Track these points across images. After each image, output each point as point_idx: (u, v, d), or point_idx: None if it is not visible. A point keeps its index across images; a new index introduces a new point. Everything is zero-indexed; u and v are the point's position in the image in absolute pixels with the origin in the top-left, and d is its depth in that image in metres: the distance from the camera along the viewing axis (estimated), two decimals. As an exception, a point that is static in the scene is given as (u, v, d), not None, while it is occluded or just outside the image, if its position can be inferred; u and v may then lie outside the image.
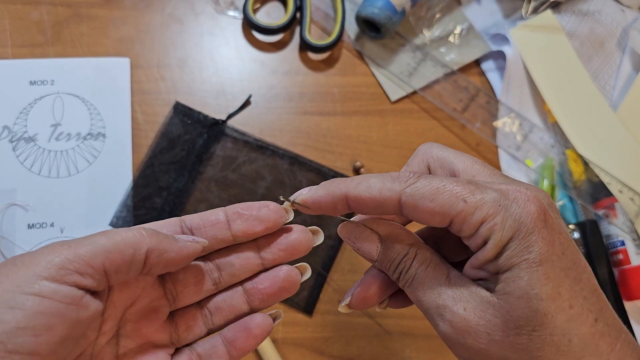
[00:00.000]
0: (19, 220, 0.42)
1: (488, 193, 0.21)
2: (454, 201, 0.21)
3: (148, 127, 0.46)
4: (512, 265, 0.20)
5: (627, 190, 0.47)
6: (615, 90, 0.52)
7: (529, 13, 0.53)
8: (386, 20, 0.46)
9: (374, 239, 0.24)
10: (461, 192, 0.21)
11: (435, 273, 0.23)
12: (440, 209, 0.21)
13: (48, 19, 0.47)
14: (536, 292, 0.20)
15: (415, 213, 0.21)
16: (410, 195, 0.21)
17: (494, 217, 0.20)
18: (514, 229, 0.20)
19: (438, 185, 0.21)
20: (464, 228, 0.21)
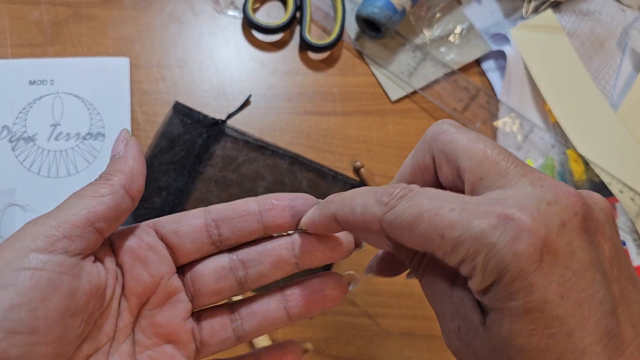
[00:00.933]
0: (18, 220, 0.42)
1: (474, 224, 0.17)
2: (432, 235, 0.18)
3: (148, 127, 0.46)
4: (495, 309, 0.18)
5: (628, 191, 0.47)
6: (616, 90, 0.52)
7: (530, 13, 0.53)
8: (386, 19, 0.46)
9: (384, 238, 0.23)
10: (440, 223, 0.18)
11: (438, 282, 0.21)
12: (417, 242, 0.19)
13: (48, 19, 0.47)
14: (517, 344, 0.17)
15: (395, 240, 0.20)
16: (389, 224, 0.19)
17: (474, 257, 0.17)
18: (497, 271, 0.17)
19: (417, 212, 0.18)
20: (447, 261, 0.18)
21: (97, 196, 0.22)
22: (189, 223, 0.24)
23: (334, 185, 0.46)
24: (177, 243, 0.24)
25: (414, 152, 0.24)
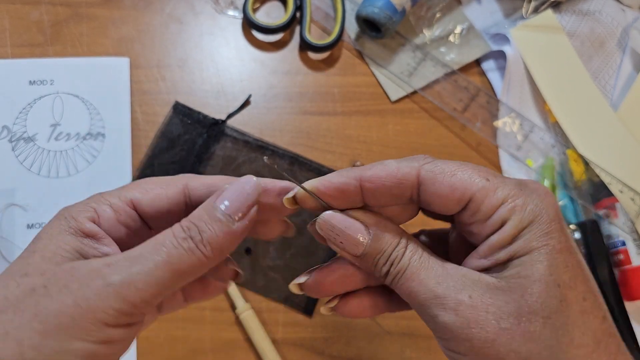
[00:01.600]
0: (18, 221, 0.42)
1: (509, 179, 0.21)
2: (475, 178, 0.20)
3: (148, 127, 0.46)
4: (532, 249, 0.19)
5: (628, 190, 0.47)
6: (616, 90, 0.52)
7: (530, 13, 0.53)
8: (386, 19, 0.46)
9: (361, 229, 0.22)
10: (482, 172, 0.20)
11: (430, 262, 0.21)
12: (461, 184, 0.20)
13: (48, 19, 0.47)
14: (554, 278, 0.19)
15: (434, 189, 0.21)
16: (430, 170, 0.21)
17: (516, 198, 0.20)
18: (535, 213, 0.20)
19: (457, 164, 0.21)
20: (483, 207, 0.20)
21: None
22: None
23: (334, 185, 0.46)
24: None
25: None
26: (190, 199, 0.23)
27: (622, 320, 0.44)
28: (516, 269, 0.20)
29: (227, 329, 0.43)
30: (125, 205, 0.22)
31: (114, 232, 0.22)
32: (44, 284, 0.19)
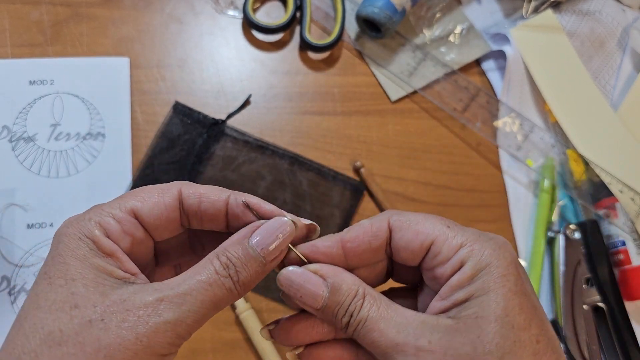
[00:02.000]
0: (18, 220, 0.42)
1: (469, 228, 0.23)
2: (437, 225, 0.22)
3: (148, 127, 0.46)
4: (489, 290, 0.21)
5: (628, 190, 0.47)
6: (616, 90, 0.52)
7: (530, 13, 0.53)
8: (386, 19, 0.46)
9: (319, 283, 0.23)
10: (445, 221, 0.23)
11: (389, 311, 0.22)
12: (424, 230, 0.22)
13: (48, 19, 0.47)
14: (509, 319, 0.20)
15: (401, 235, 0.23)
16: (398, 220, 0.23)
17: (474, 243, 0.22)
18: (492, 256, 0.21)
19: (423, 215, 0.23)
20: (444, 250, 0.22)
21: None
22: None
23: (334, 185, 0.46)
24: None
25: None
26: (183, 206, 0.24)
27: (622, 320, 0.44)
28: (473, 309, 0.21)
29: (227, 328, 0.43)
30: (127, 215, 0.23)
31: (122, 243, 0.23)
32: (101, 318, 0.20)
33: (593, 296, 0.45)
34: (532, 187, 0.50)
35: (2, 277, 0.41)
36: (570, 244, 0.46)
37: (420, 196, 0.48)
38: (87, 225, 0.22)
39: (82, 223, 0.22)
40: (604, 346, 0.45)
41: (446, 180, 0.49)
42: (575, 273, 0.46)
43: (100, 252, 0.22)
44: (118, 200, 0.23)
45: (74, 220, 0.22)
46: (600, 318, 0.45)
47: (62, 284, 0.21)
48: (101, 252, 0.22)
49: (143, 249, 0.24)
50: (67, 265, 0.21)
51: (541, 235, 0.47)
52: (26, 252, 0.42)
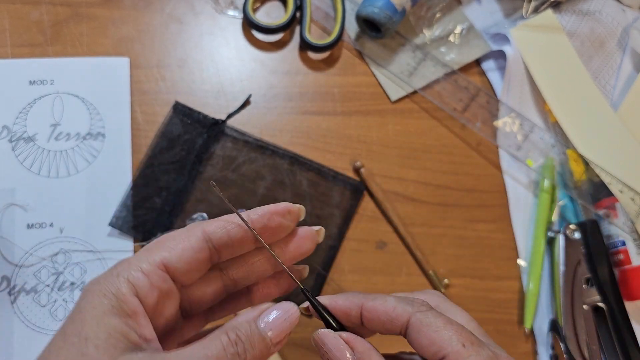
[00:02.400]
0: (18, 220, 0.42)
1: (484, 350, 0.23)
2: (454, 340, 0.22)
3: (148, 127, 0.46)
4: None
5: (628, 190, 0.47)
6: (616, 90, 0.52)
7: (530, 13, 0.53)
8: (386, 19, 0.46)
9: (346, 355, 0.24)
10: (462, 337, 0.22)
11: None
12: (440, 342, 0.22)
13: (48, 19, 0.47)
14: None
15: (417, 336, 0.23)
16: (419, 320, 0.23)
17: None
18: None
19: (445, 321, 0.23)
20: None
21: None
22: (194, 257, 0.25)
23: (334, 185, 0.46)
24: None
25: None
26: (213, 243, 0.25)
27: (622, 320, 0.44)
28: None
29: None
30: (156, 269, 0.23)
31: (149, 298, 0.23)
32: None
33: (593, 296, 0.45)
34: (532, 187, 0.50)
35: (2, 277, 0.41)
36: (570, 244, 0.46)
37: (420, 196, 0.48)
38: (115, 282, 0.22)
39: (109, 279, 0.22)
40: (604, 346, 0.45)
41: (446, 180, 0.49)
42: (575, 273, 0.46)
43: (122, 311, 0.22)
44: (147, 253, 0.24)
45: (102, 276, 0.23)
46: (600, 318, 0.45)
47: (74, 342, 0.21)
48: (123, 310, 0.22)
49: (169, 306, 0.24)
50: (84, 322, 0.21)
51: (541, 235, 0.47)
52: (26, 252, 0.42)
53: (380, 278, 0.46)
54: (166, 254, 0.23)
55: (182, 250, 0.24)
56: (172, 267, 0.23)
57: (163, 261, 0.23)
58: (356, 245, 0.46)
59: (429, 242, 0.47)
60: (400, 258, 0.46)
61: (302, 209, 0.27)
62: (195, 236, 0.24)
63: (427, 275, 0.46)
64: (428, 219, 0.48)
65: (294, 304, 0.25)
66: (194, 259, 0.24)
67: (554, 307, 0.46)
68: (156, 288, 0.23)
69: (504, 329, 0.46)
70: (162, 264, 0.23)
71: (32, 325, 0.41)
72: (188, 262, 0.24)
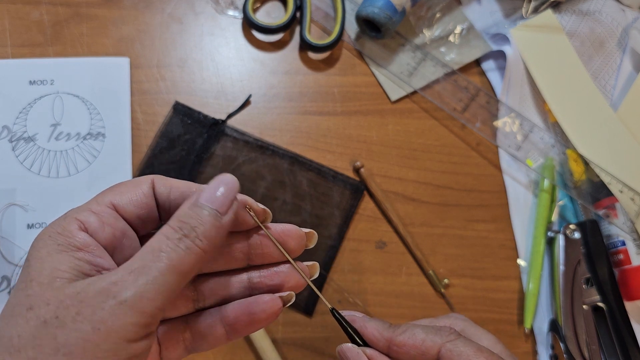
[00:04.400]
0: (18, 220, 0.42)
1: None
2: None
3: (148, 126, 0.46)
4: None
5: (628, 190, 0.47)
6: (616, 90, 0.52)
7: (530, 13, 0.53)
8: (386, 20, 0.46)
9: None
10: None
11: None
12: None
13: (48, 19, 0.47)
14: None
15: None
16: (450, 350, 0.24)
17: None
18: None
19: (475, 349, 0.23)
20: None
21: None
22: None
23: (334, 185, 0.46)
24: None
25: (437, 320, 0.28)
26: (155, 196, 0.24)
27: (621, 320, 0.44)
28: None
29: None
30: (105, 208, 0.23)
31: (101, 235, 0.22)
32: (55, 315, 0.19)
33: (593, 296, 0.45)
34: (532, 187, 0.50)
35: (2, 277, 0.41)
36: (570, 243, 0.46)
37: (420, 196, 0.48)
38: (61, 222, 0.22)
39: (56, 222, 0.22)
40: (604, 346, 0.45)
41: (446, 180, 0.49)
42: (575, 273, 0.46)
43: (71, 246, 0.21)
44: (95, 197, 0.23)
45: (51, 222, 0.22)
46: (600, 318, 0.45)
47: (21, 288, 0.20)
48: (72, 245, 0.21)
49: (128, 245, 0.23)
50: (29, 267, 0.20)
51: (541, 235, 0.48)
52: (26, 252, 0.42)
53: (380, 278, 0.46)
54: (116, 196, 0.23)
55: (130, 194, 0.23)
56: (121, 208, 0.23)
57: (112, 202, 0.23)
58: (356, 245, 0.46)
59: (428, 242, 0.47)
60: (400, 258, 0.46)
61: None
62: (145, 183, 0.24)
63: (426, 275, 0.46)
64: (428, 219, 0.48)
65: (228, 174, 0.23)
66: (142, 203, 0.23)
67: (553, 307, 0.46)
68: (107, 225, 0.22)
69: (503, 329, 0.46)
70: (111, 204, 0.23)
71: (33, 325, 0.41)
72: (136, 205, 0.23)
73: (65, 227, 0.21)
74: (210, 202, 0.22)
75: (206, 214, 0.21)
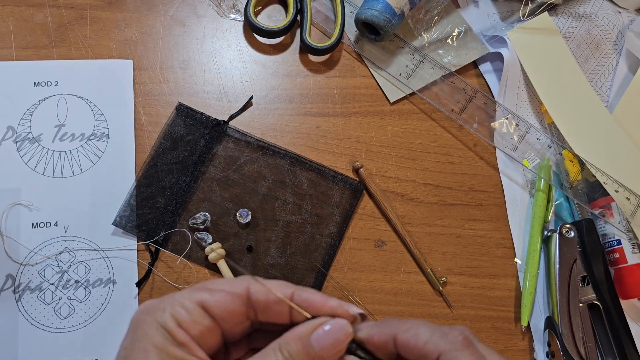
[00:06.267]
0: (23, 220, 0.43)
1: None
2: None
3: (151, 127, 0.47)
4: None
5: (623, 190, 0.47)
6: (612, 92, 0.53)
7: (526, 15, 0.53)
8: (385, 22, 0.47)
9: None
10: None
11: None
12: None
13: (52, 21, 0.48)
14: None
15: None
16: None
17: None
18: None
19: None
20: None
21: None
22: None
23: (334, 185, 0.47)
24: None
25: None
26: (251, 300, 0.25)
27: (617, 318, 0.45)
28: None
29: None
30: (195, 306, 0.24)
31: (192, 330, 0.24)
32: None
33: (589, 294, 0.46)
34: (529, 186, 0.51)
35: (7, 275, 0.42)
36: (566, 242, 0.47)
37: (418, 196, 0.49)
38: (161, 315, 0.24)
39: (158, 313, 0.24)
40: (600, 343, 0.46)
41: (444, 180, 0.49)
42: (571, 271, 0.46)
43: (175, 341, 0.23)
44: (189, 291, 0.25)
45: (150, 309, 0.24)
46: (596, 315, 0.46)
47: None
48: (176, 340, 0.23)
49: (212, 337, 0.25)
50: (147, 352, 0.23)
51: (537, 234, 0.48)
52: (31, 251, 0.42)
53: (379, 276, 0.46)
54: (206, 296, 0.25)
55: (221, 297, 0.25)
56: (210, 309, 0.25)
57: (202, 301, 0.25)
58: (355, 243, 0.47)
59: (426, 241, 0.48)
60: (398, 256, 0.47)
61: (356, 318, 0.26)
62: (238, 287, 0.25)
63: (425, 273, 0.47)
64: (426, 218, 0.48)
65: (346, 321, 0.24)
66: (230, 307, 0.25)
67: (550, 304, 0.47)
68: (197, 323, 0.24)
69: (500, 327, 0.47)
70: (201, 304, 0.25)
71: (37, 323, 0.41)
72: (224, 308, 0.25)
73: (165, 321, 0.24)
74: (321, 347, 0.24)
75: (312, 356, 0.23)
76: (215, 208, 0.45)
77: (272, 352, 0.23)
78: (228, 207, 0.45)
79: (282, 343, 0.24)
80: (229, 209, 0.45)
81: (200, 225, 0.44)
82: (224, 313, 0.25)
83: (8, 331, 0.41)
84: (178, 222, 0.44)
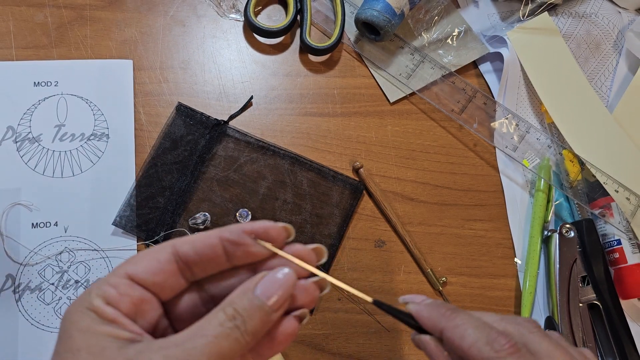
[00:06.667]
0: (23, 220, 0.43)
1: None
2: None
3: (151, 127, 0.47)
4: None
5: (623, 190, 0.47)
6: (612, 92, 0.53)
7: (526, 15, 0.53)
8: (385, 22, 0.47)
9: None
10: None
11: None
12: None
13: (52, 21, 0.48)
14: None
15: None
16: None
17: None
18: None
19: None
20: None
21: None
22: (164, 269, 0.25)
23: (334, 185, 0.47)
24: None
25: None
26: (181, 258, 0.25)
27: (617, 318, 0.45)
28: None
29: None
30: (121, 279, 0.24)
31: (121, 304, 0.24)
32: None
33: (589, 294, 0.46)
34: (529, 186, 0.51)
35: (7, 275, 0.42)
36: (566, 242, 0.47)
37: (418, 196, 0.49)
38: (87, 298, 0.23)
39: (82, 297, 0.23)
40: (600, 342, 0.46)
41: (444, 180, 0.50)
42: (571, 271, 0.46)
43: (103, 320, 0.23)
44: (114, 269, 0.25)
45: (77, 298, 0.24)
46: (596, 315, 0.46)
47: (69, 357, 0.22)
48: (104, 319, 0.23)
49: (150, 308, 0.25)
50: (72, 338, 0.22)
51: (537, 234, 0.48)
52: (30, 250, 0.43)
53: (379, 276, 0.46)
54: (130, 267, 0.24)
55: (146, 262, 0.25)
56: (137, 277, 0.24)
57: (127, 272, 0.24)
58: (355, 243, 0.47)
59: (426, 241, 0.48)
60: (398, 256, 0.47)
61: (288, 230, 0.26)
62: (163, 250, 0.25)
63: (425, 273, 0.47)
64: (426, 218, 0.48)
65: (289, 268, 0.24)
66: (158, 270, 0.25)
67: (550, 304, 0.47)
68: (125, 295, 0.24)
69: (501, 327, 0.47)
70: (127, 275, 0.24)
71: (37, 323, 0.41)
72: (152, 273, 0.24)
73: (91, 302, 0.23)
74: (267, 297, 0.23)
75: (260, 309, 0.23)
76: (215, 208, 0.45)
77: (215, 315, 0.23)
78: (228, 207, 0.45)
79: (225, 304, 0.23)
80: (229, 209, 0.45)
81: (200, 225, 0.44)
82: (153, 278, 0.24)
83: (8, 331, 0.41)
84: (178, 222, 0.44)
